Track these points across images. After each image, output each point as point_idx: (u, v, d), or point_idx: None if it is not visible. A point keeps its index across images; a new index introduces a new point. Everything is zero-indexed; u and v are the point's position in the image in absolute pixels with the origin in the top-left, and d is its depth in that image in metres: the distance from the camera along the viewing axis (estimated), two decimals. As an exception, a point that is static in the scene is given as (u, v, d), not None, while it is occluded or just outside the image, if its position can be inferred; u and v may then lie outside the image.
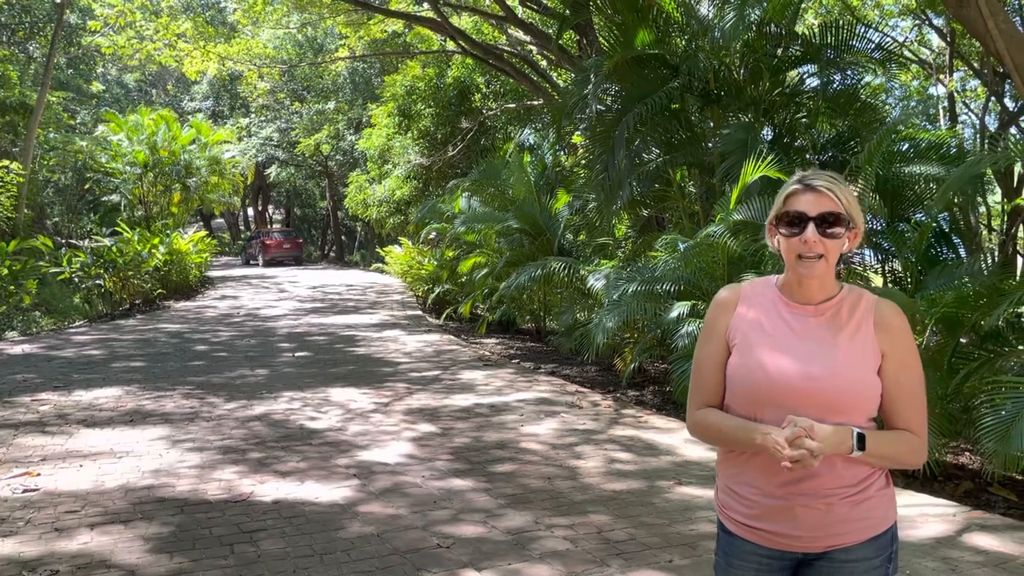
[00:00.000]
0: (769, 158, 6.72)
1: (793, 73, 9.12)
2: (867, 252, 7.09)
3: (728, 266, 6.86)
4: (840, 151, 8.09)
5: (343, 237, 41.43)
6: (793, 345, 1.92)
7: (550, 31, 14.59)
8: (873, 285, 6.49)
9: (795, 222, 1.90)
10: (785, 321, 1.96)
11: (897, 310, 1.96)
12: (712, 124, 8.67)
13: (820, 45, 8.02)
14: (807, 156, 8.15)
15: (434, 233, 16.31)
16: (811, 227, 1.87)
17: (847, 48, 8.07)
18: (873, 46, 8.41)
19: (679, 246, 7.29)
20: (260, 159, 35.57)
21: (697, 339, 2.12)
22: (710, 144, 8.50)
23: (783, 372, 1.89)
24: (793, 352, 1.91)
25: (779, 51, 8.43)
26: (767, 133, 8.37)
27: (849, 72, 8.31)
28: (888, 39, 11.91)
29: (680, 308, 6.91)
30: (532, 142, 14.50)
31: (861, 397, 1.89)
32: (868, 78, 10.31)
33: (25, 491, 5.12)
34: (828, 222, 1.87)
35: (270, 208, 49.87)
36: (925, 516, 4.79)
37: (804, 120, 8.35)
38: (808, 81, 8.89)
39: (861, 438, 1.83)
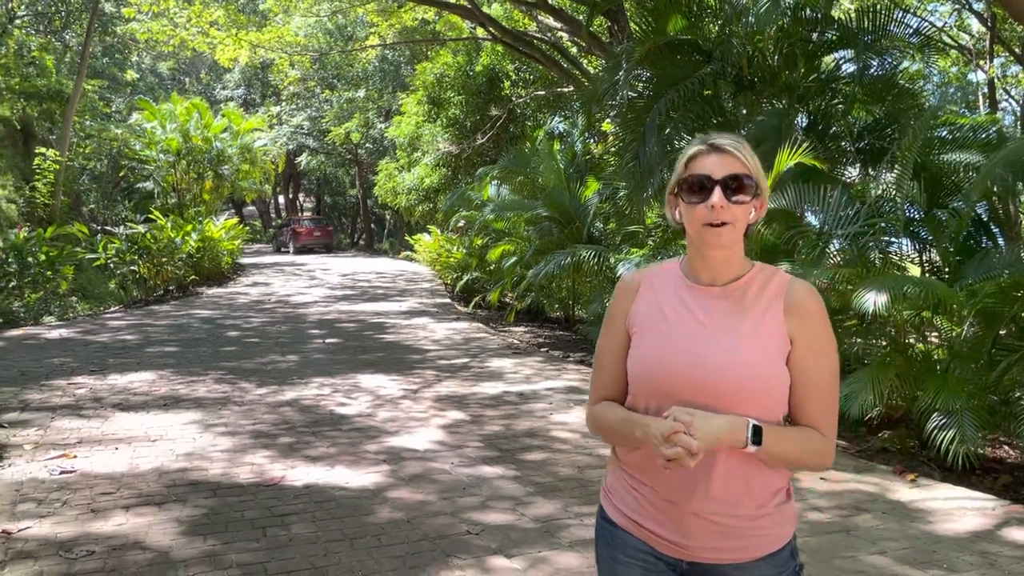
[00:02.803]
0: (804, 145, 6.62)
1: (829, 59, 8.96)
2: (904, 241, 6.96)
3: (761, 255, 6.78)
4: (877, 138, 7.94)
5: (372, 225, 41.59)
6: (691, 331, 1.74)
7: (581, 17, 14.47)
8: (912, 274, 6.36)
9: (699, 187, 1.71)
10: (686, 305, 1.77)
11: (811, 291, 1.76)
12: (745, 111, 8.55)
13: (857, 30, 7.86)
14: (843, 143, 8.01)
15: (463, 221, 16.31)
16: (717, 191, 1.68)
17: (884, 33, 7.90)
18: (911, 31, 8.23)
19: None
20: (291, 147, 35.82)
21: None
22: (743, 131, 8.38)
23: (678, 361, 1.72)
24: (691, 339, 1.73)
25: (815, 36, 8.28)
26: (802, 120, 8.24)
27: (886, 58, 8.14)
28: (927, 24, 11.68)
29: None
30: (562, 130, 14.45)
31: (763, 389, 1.69)
32: (906, 64, 10.10)
33: (62, 473, 5.21)
34: (735, 185, 1.69)
35: (301, 196, 50.22)
36: (963, 509, 4.71)
37: (840, 106, 8.20)
38: (844, 67, 8.73)
39: (757, 431, 1.64)
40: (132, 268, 16.57)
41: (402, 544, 4.12)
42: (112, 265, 16.39)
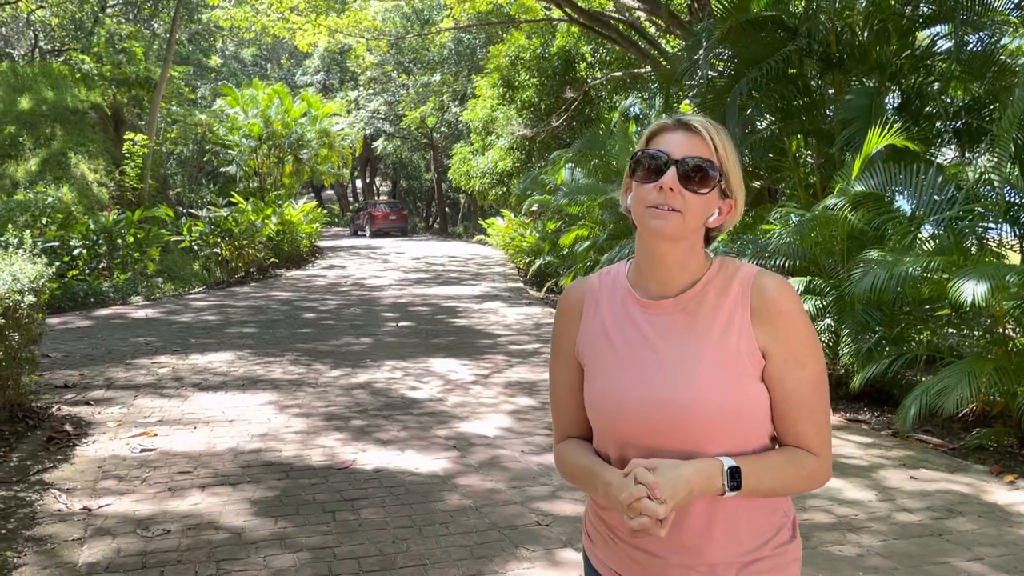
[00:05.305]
0: (896, 126, 6.28)
1: (923, 34, 8.51)
2: (1003, 227, 6.55)
3: (847, 240, 6.48)
4: (975, 118, 7.51)
5: (447, 209, 41.91)
6: (644, 362, 1.47)
7: (659, -4, 14.11)
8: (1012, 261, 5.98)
9: (653, 164, 1.42)
10: (636, 325, 1.50)
11: (782, 287, 1.46)
12: (832, 90, 8.20)
13: (954, 4, 7.43)
14: (937, 123, 7.59)
15: (536, 205, 16.22)
16: (672, 171, 1.40)
17: (984, 7, 7.47)
18: (1013, 5, 7.77)
19: (793, 219, 6.93)
20: (368, 132, 36.27)
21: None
22: (829, 111, 8.04)
23: (633, 401, 1.45)
24: (644, 372, 1.46)
25: (908, 10, 7.87)
26: (893, 99, 7.86)
27: (985, 33, 7.69)
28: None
29: (794, 285, 6.57)
30: (638, 111, 14.17)
31: (736, 420, 1.43)
32: (1006, 40, 9.55)
33: (143, 451, 5.34)
34: (695, 170, 1.41)
35: (377, 180, 50.90)
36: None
37: (935, 84, 7.78)
38: (940, 43, 8.28)
39: (734, 474, 1.38)
40: (215, 250, 17.07)
41: (470, 533, 4.07)
42: (196, 247, 16.93)
